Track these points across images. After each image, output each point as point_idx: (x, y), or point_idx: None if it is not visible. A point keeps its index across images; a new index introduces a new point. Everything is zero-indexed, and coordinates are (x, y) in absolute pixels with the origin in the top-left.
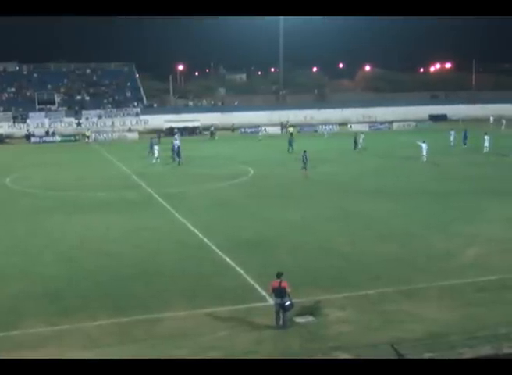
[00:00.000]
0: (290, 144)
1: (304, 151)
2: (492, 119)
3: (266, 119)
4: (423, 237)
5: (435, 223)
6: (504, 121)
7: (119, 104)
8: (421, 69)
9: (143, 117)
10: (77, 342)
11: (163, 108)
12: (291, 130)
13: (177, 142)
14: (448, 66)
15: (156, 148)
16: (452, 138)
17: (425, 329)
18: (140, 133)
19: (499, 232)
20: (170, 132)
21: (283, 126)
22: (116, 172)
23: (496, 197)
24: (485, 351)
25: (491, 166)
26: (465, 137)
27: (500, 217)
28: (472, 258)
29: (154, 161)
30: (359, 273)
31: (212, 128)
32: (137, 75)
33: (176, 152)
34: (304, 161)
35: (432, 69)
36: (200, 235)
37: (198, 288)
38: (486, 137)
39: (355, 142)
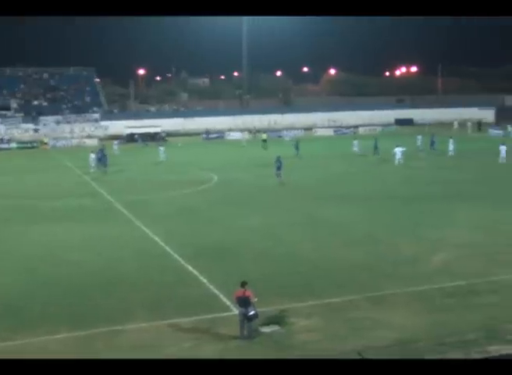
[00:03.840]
0: (297, 148)
1: (278, 157)
2: (456, 123)
3: (230, 124)
4: (390, 243)
5: (402, 228)
6: (470, 124)
7: (78, 109)
8: (387, 73)
9: (103, 123)
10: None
11: (124, 114)
12: (264, 136)
13: (162, 149)
14: (414, 69)
15: (92, 156)
16: (419, 143)
17: (394, 336)
18: (101, 139)
19: (466, 237)
20: (131, 138)
21: (252, 132)
22: (76, 179)
23: (463, 201)
24: (454, 357)
25: (456, 170)
26: (432, 143)
27: (467, 222)
28: (440, 264)
29: (91, 170)
30: (325, 280)
31: (163, 134)
32: (97, 80)
33: (103, 161)
34: (278, 167)
35: (397, 72)
36: (162, 243)
37: (161, 298)
38: (451, 141)
39: (375, 147)
